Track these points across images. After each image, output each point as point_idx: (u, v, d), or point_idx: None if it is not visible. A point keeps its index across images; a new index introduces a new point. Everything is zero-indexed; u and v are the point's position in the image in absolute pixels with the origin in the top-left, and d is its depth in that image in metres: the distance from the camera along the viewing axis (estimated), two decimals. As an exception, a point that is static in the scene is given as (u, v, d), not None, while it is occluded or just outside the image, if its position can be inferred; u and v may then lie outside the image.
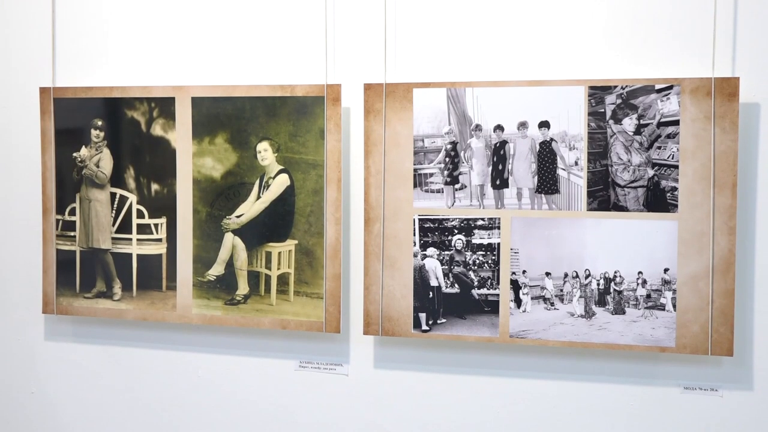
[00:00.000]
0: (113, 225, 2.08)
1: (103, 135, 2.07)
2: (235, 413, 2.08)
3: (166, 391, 2.13)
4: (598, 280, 1.84)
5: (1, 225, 2.21)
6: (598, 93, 1.80)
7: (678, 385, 1.84)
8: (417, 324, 1.91)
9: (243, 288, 2.01)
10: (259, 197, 1.98)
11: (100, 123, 2.07)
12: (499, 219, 1.87)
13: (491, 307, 1.88)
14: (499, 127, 1.86)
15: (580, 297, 1.84)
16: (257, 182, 1.98)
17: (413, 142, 1.89)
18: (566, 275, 1.85)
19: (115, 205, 2.07)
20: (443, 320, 1.90)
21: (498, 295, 1.87)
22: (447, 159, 1.89)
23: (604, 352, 1.86)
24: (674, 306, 1.79)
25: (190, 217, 2.02)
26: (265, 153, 1.96)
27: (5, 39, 2.18)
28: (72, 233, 2.11)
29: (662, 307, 1.81)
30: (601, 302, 1.83)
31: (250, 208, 1.99)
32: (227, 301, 2.02)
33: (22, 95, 2.15)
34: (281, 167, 1.96)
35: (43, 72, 2.13)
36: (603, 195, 1.82)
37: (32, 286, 2.18)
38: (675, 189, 1.78)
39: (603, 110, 1.80)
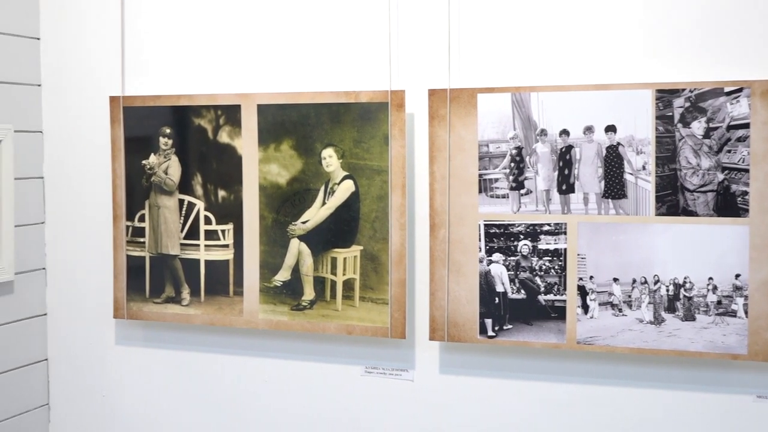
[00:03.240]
0: (181, 231, 2.55)
1: (171, 143, 2.54)
2: (301, 418, 2.52)
3: (233, 396, 2.58)
4: (667, 286, 2.18)
5: (73, 232, 2.71)
6: (665, 96, 2.15)
7: (750, 393, 2.17)
8: (483, 330, 2.30)
9: (309, 293, 2.44)
10: (324, 203, 2.41)
11: (168, 131, 2.54)
12: (566, 224, 2.24)
13: (558, 313, 2.25)
14: (564, 132, 2.23)
15: (649, 303, 2.20)
16: (322, 188, 2.41)
17: (478, 147, 2.28)
18: (634, 281, 2.21)
19: (183, 212, 2.54)
20: (509, 326, 2.29)
21: (565, 300, 2.25)
22: (512, 164, 2.27)
23: (673, 359, 2.21)
24: (746, 312, 2.13)
25: (256, 223, 2.47)
26: (330, 159, 2.39)
27: (76, 50, 2.66)
28: (141, 239, 2.59)
29: (733, 314, 2.14)
30: (671, 308, 2.18)
31: (315, 214, 2.42)
32: (293, 306, 2.46)
33: (93, 104, 2.63)
34: (346, 173, 2.38)
35: (112, 81, 2.61)
36: (672, 200, 2.17)
37: (103, 292, 2.66)
38: (746, 193, 2.11)
39: (671, 114, 2.15)
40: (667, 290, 2.17)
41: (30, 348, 2.72)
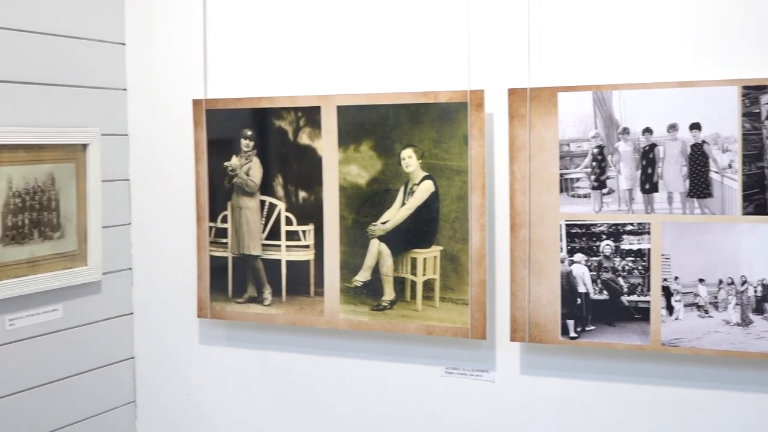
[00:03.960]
0: (263, 232, 2.68)
1: (252, 144, 2.67)
2: (381, 419, 2.63)
3: (314, 395, 2.71)
4: (755, 287, 2.22)
5: (158, 233, 2.88)
6: (752, 93, 2.18)
7: (844, 397, 2.20)
8: (565, 331, 2.37)
9: (389, 294, 2.55)
10: (403, 204, 2.51)
11: (249, 133, 2.67)
12: (649, 224, 2.29)
13: (641, 314, 2.31)
14: (647, 130, 2.28)
15: (736, 304, 2.23)
16: (402, 189, 2.51)
17: (558, 146, 2.35)
18: (721, 282, 2.24)
19: (265, 213, 2.68)
20: (592, 327, 2.35)
21: (649, 301, 2.30)
22: (594, 163, 2.33)
23: (761, 362, 2.23)
24: (838, 314, 2.15)
25: (336, 223, 2.58)
26: (410, 160, 2.49)
27: (161, 55, 2.82)
28: (224, 240, 2.74)
29: (825, 316, 2.17)
30: (759, 310, 2.21)
31: (395, 215, 2.53)
32: (373, 306, 2.57)
33: (177, 108, 2.78)
34: (425, 174, 2.48)
35: (195, 85, 2.76)
36: (759, 198, 2.19)
37: (187, 292, 2.82)
38: (837, 191, 2.14)
39: (758, 110, 2.18)
40: (755, 291, 2.20)
41: (117, 346, 2.89)
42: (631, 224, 2.29)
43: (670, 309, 2.27)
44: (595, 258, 2.33)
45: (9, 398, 2.51)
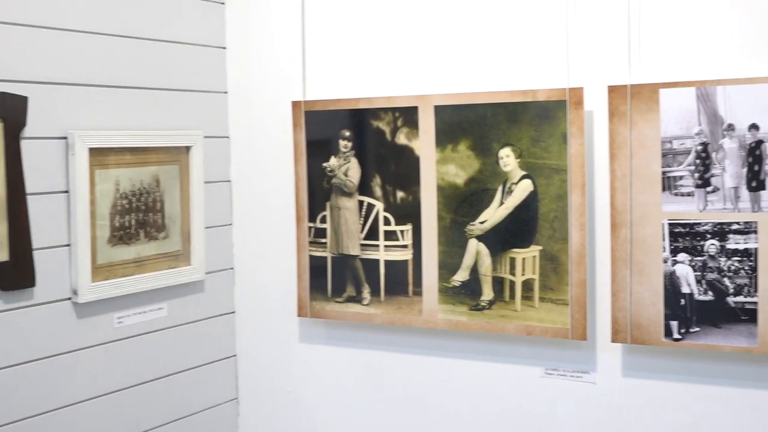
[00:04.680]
0: (361, 232, 2.79)
1: (350, 145, 2.78)
2: (480, 419, 2.70)
3: (412, 395, 2.80)
4: None
5: (259, 233, 3.02)
6: None
7: None
8: (668, 332, 2.39)
9: (488, 294, 2.62)
10: (502, 203, 2.58)
11: (347, 134, 2.78)
12: (757, 223, 2.30)
13: (749, 315, 2.31)
14: (754, 126, 2.28)
15: None
16: (500, 188, 2.57)
17: (661, 144, 2.37)
18: (833, 282, 2.24)
19: (363, 213, 2.78)
20: (696, 329, 2.37)
21: (756, 303, 2.30)
22: (697, 161, 2.35)
23: None
24: None
25: (434, 223, 2.67)
26: (508, 159, 2.55)
27: (260, 58, 2.96)
28: (323, 240, 2.85)
29: None
30: None
31: (493, 214, 2.59)
32: (472, 306, 2.64)
33: (276, 109, 2.91)
34: (524, 173, 2.54)
35: (294, 87, 2.89)
36: None
37: (287, 291, 2.95)
38: None
39: None
40: None
41: (220, 344, 3.05)
42: (737, 223, 2.30)
43: (778, 310, 2.27)
44: (699, 258, 2.35)
45: (117, 394, 2.68)
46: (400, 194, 2.70)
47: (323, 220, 2.84)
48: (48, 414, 2.47)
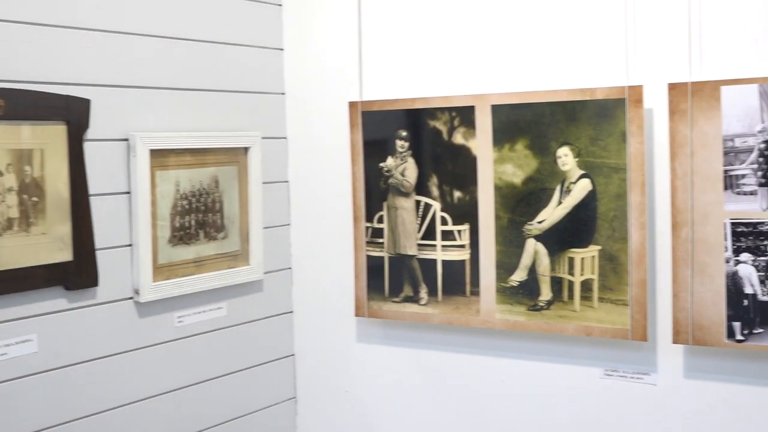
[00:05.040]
0: (419, 232, 2.81)
1: (407, 145, 2.80)
2: (538, 420, 2.70)
3: (470, 395, 2.81)
4: None
5: (316, 233, 3.05)
6: None
7: None
8: (730, 333, 2.37)
9: (546, 294, 2.62)
10: (560, 203, 2.57)
11: (404, 134, 2.81)
12: (822, 222, 2.27)
13: (814, 316, 2.29)
14: (819, 123, 2.26)
15: None
16: (558, 187, 2.57)
17: (722, 142, 2.35)
18: None
19: (420, 213, 2.80)
20: (760, 330, 2.34)
21: (822, 304, 2.28)
22: (760, 159, 2.32)
23: None
24: None
25: (492, 223, 2.68)
26: (566, 158, 2.55)
27: (317, 59, 2.99)
28: (380, 240, 2.88)
29: None
30: None
31: (551, 214, 2.59)
32: (530, 306, 2.64)
33: (333, 110, 2.94)
34: (582, 172, 2.53)
35: (351, 87, 2.92)
36: None
37: (345, 291, 2.98)
38: None
39: None
40: None
41: (278, 343, 3.09)
42: (802, 222, 2.27)
43: None
44: (763, 258, 2.32)
45: (177, 392, 2.74)
46: (457, 194, 2.72)
47: (380, 220, 2.86)
48: (110, 412, 2.54)
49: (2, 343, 2.27)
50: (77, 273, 2.41)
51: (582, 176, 2.52)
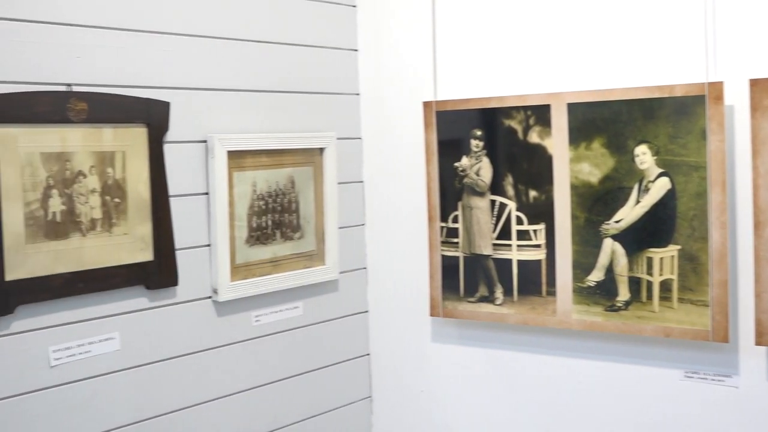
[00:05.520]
0: (494, 231, 2.81)
1: (482, 145, 2.81)
2: (616, 422, 2.68)
3: (547, 396, 2.80)
4: None
5: (391, 233, 3.08)
6: None
7: None
8: (816, 335, 2.33)
9: (624, 294, 2.60)
10: (638, 202, 2.55)
11: (479, 133, 2.81)
12: None
13: None
14: None
15: None
16: (636, 186, 2.55)
17: (807, 138, 2.31)
18: None
19: (495, 212, 2.80)
20: None
21: None
22: None
23: None
24: None
25: (568, 222, 2.66)
26: (644, 156, 2.53)
27: (391, 59, 3.02)
28: (455, 240, 2.89)
29: None
30: None
31: (629, 213, 2.57)
32: (607, 307, 2.62)
33: (407, 110, 2.96)
34: (661, 170, 2.50)
35: (425, 87, 2.93)
36: None
37: (420, 290, 3.00)
38: None
39: None
40: None
41: (354, 343, 3.13)
42: None
43: None
44: None
45: (254, 390, 2.79)
46: (532, 193, 2.71)
47: (455, 220, 2.87)
48: (189, 409, 2.60)
49: (86, 340, 2.34)
50: (158, 272, 2.48)
51: (660, 175, 2.50)
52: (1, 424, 2.17)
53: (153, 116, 2.45)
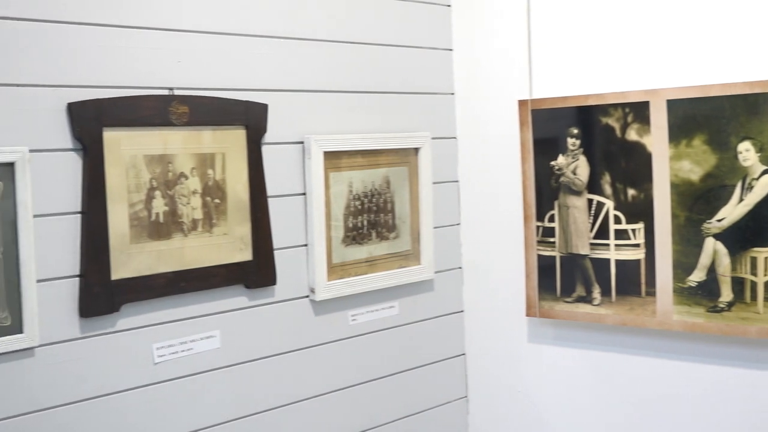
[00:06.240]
0: (591, 231, 2.79)
1: (578, 143, 2.79)
2: (719, 425, 2.61)
3: (647, 399, 2.75)
4: None
5: (486, 232, 3.08)
6: None
7: None
8: None
9: (726, 295, 2.54)
10: (741, 200, 2.49)
11: (575, 131, 2.79)
12: None
13: None
14: None
15: None
16: (739, 184, 2.49)
17: None
18: None
19: (593, 211, 2.78)
20: None
21: None
22: None
23: None
24: None
25: (668, 221, 2.62)
26: (747, 153, 2.47)
27: (486, 58, 3.01)
28: (551, 239, 2.88)
29: None
30: None
31: (732, 212, 2.52)
32: (710, 308, 2.57)
33: (502, 109, 2.96)
34: (765, 167, 2.44)
35: (520, 86, 2.93)
36: None
37: (515, 290, 2.99)
38: None
39: None
40: None
41: (449, 343, 3.14)
42: None
43: None
44: None
45: (351, 389, 2.83)
46: (631, 192, 2.68)
47: (551, 219, 2.86)
48: (287, 407, 2.66)
49: (188, 338, 2.41)
50: (257, 272, 2.54)
51: (765, 172, 2.44)
52: (108, 419, 2.26)
53: (251, 118, 2.51)
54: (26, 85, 2.09)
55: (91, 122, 2.18)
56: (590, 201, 2.77)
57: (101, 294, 2.21)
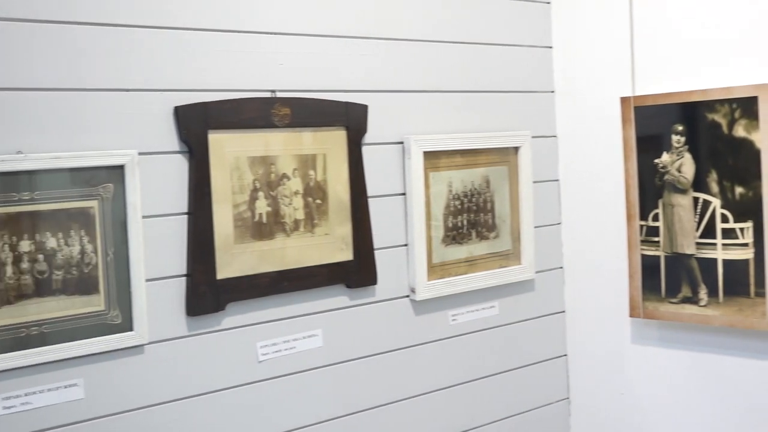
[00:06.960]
0: (696, 230, 2.73)
1: (683, 140, 2.74)
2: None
3: (756, 403, 2.67)
4: None
5: (587, 232, 3.04)
6: None
7: None
8: None
9: (841, 296, 2.47)
10: None
11: (680, 128, 2.74)
12: None
13: None
14: None
15: None
16: None
17: None
18: None
19: (698, 210, 2.72)
20: None
21: None
22: None
23: None
24: None
25: (778, 220, 2.56)
26: None
27: (586, 55, 2.98)
28: (656, 239, 2.83)
29: None
30: None
31: None
32: (823, 309, 2.50)
33: (604, 106, 2.92)
34: None
35: (622, 82, 2.89)
36: None
37: (618, 291, 2.95)
38: None
39: None
40: None
41: (550, 343, 3.12)
42: None
43: None
44: None
45: (452, 389, 2.84)
46: (738, 190, 2.62)
47: (655, 218, 2.82)
48: (388, 406, 2.68)
49: (291, 337, 2.46)
50: (357, 272, 2.57)
51: None
52: (214, 415, 2.32)
53: (352, 119, 2.55)
54: (135, 89, 2.17)
55: (197, 125, 2.25)
56: (696, 199, 2.72)
57: (207, 293, 2.27)
